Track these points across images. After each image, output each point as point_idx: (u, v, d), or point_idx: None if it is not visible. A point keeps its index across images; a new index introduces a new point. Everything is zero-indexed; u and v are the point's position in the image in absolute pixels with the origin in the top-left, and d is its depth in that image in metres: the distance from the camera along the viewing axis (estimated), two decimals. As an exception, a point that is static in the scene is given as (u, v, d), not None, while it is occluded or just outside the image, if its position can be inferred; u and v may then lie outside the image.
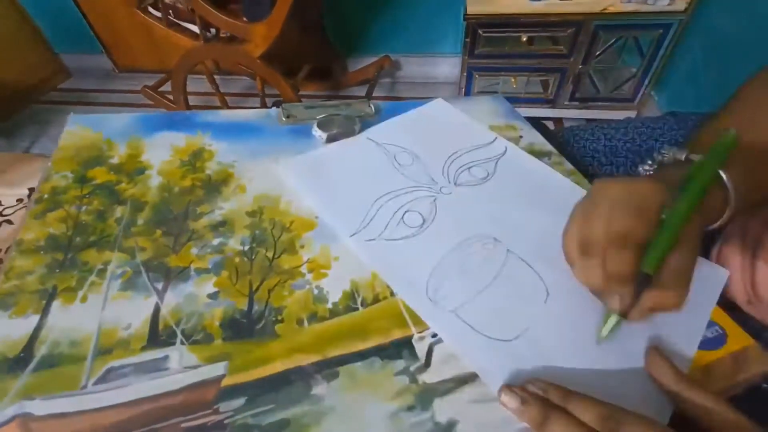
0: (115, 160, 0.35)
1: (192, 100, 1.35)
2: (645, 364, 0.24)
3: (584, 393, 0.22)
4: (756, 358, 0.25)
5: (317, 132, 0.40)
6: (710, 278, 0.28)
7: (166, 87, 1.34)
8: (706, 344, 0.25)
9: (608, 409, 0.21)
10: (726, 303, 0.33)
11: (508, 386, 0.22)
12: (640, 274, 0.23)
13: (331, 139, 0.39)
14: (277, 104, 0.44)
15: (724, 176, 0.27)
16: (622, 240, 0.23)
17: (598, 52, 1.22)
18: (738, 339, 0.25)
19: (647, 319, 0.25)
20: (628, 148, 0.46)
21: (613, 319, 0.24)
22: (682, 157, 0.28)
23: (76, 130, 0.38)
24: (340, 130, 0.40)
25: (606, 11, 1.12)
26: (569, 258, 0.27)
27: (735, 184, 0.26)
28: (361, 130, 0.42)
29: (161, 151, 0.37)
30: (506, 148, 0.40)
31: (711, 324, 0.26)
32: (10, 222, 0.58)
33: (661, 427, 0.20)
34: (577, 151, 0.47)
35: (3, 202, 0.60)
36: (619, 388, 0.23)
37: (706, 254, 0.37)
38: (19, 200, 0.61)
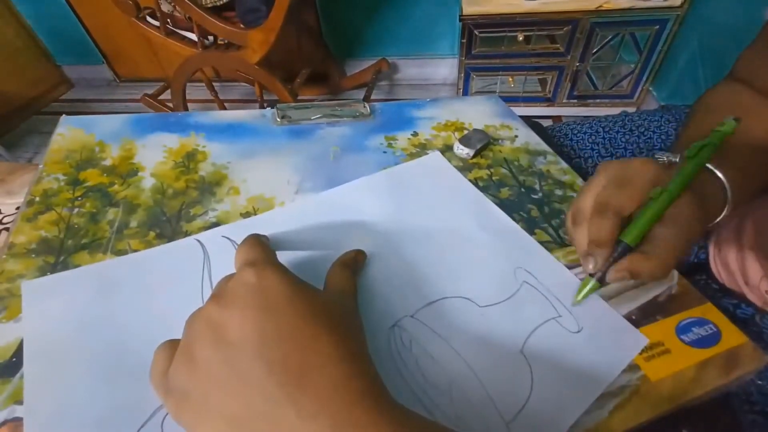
0: (107, 162, 0.35)
1: (192, 107, 1.36)
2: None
3: None
4: (750, 355, 0.24)
5: (463, 150, 0.39)
6: (629, 341, 0.25)
7: (166, 95, 1.36)
8: (701, 342, 0.25)
9: None
10: (722, 288, 0.34)
11: None
12: (621, 243, 0.24)
13: (477, 155, 0.39)
14: (271, 106, 0.44)
15: (720, 175, 0.27)
16: (604, 207, 0.25)
17: (595, 49, 1.22)
18: (732, 337, 0.25)
19: (625, 283, 0.26)
20: (627, 139, 0.46)
21: (588, 283, 0.25)
22: (676, 159, 0.29)
23: (68, 132, 0.37)
24: (482, 144, 0.39)
25: (602, 8, 1.12)
26: (566, 227, 0.29)
27: (730, 180, 0.27)
28: (484, 142, 0.39)
29: (154, 152, 0.37)
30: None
31: (705, 322, 0.26)
32: (9, 230, 0.58)
33: None
34: (576, 144, 0.47)
35: (2, 211, 0.60)
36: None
37: (705, 243, 0.38)
38: (18, 209, 0.61)
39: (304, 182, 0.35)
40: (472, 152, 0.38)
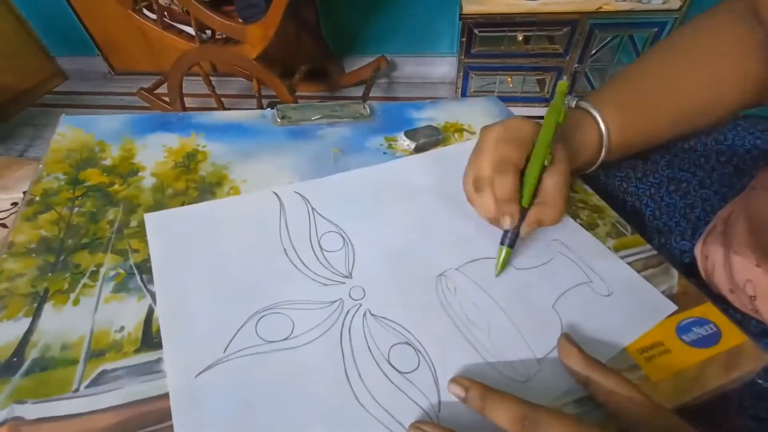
0: (107, 162, 0.35)
1: (188, 102, 1.35)
2: (558, 351, 0.24)
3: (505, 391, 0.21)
4: (750, 355, 0.25)
5: (405, 141, 0.39)
6: (658, 307, 0.27)
7: (163, 89, 1.34)
8: (701, 342, 0.25)
9: (524, 409, 0.20)
10: (715, 296, 0.34)
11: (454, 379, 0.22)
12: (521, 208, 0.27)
13: (418, 149, 0.39)
14: (272, 105, 0.44)
15: (598, 117, 0.31)
16: (504, 166, 0.28)
17: (594, 51, 1.22)
18: (732, 336, 0.25)
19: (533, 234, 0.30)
20: None
21: (503, 252, 0.28)
22: (573, 104, 0.33)
23: (68, 131, 0.37)
24: (427, 140, 0.40)
25: (601, 10, 1.12)
26: (468, 198, 0.31)
27: (607, 122, 0.30)
28: (432, 138, 0.40)
29: (155, 152, 0.36)
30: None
31: (705, 322, 0.26)
32: (4, 226, 0.57)
33: (583, 424, 0.19)
34: None
35: (-3, 206, 0.60)
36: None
37: (692, 246, 0.37)
38: (14, 204, 0.60)
39: (304, 182, 0.35)
40: (413, 145, 0.40)
